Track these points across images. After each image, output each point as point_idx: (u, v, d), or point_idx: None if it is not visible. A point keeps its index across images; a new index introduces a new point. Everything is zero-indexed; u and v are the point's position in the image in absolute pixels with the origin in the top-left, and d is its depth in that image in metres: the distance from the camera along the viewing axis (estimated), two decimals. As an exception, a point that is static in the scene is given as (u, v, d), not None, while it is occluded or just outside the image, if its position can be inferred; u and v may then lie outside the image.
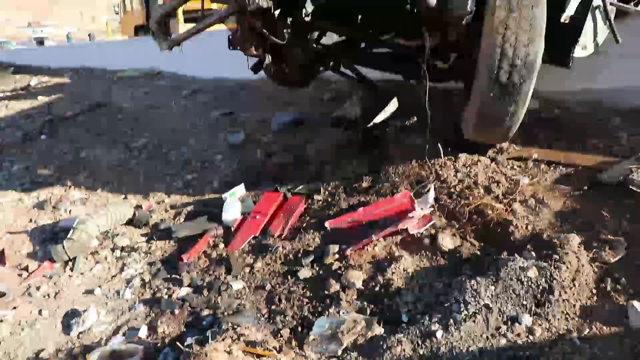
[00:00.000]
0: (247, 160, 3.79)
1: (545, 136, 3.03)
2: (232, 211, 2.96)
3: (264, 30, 2.48)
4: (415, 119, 3.31)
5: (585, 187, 2.45)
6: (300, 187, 3.06)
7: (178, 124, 5.13)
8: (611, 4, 2.86)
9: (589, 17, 2.67)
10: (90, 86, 9.03)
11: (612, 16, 2.86)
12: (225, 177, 3.66)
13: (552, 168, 2.67)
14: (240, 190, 3.21)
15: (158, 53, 3.09)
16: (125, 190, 3.92)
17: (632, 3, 3.14)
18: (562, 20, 2.60)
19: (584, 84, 3.41)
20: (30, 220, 3.71)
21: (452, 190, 2.55)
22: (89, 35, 20.85)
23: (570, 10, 2.63)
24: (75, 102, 7.58)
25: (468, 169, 2.68)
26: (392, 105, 3.15)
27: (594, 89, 3.42)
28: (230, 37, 3.02)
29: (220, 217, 2.99)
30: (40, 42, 26.95)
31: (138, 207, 3.51)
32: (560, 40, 2.56)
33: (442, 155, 2.75)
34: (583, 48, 2.85)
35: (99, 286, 2.74)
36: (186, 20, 12.15)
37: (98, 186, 4.10)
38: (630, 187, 2.31)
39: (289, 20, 2.44)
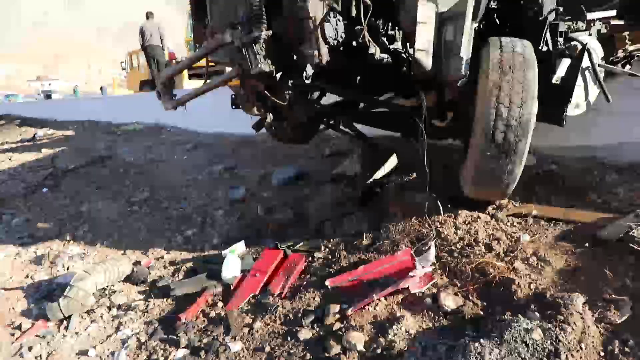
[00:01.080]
0: (248, 216, 3.79)
1: (544, 192, 3.06)
2: (231, 268, 2.93)
3: (266, 92, 2.57)
4: (414, 175, 3.35)
5: (586, 245, 2.45)
6: (301, 244, 3.05)
7: (180, 178, 5.18)
8: (600, 65, 2.99)
9: (580, 77, 2.78)
10: (94, 139, 9.18)
11: (601, 77, 2.98)
12: (225, 232, 3.66)
13: (552, 225, 2.68)
14: (240, 247, 3.19)
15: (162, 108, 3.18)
16: (124, 245, 3.90)
17: (619, 65, 3.28)
18: (553, 81, 2.71)
19: (578, 140, 3.49)
20: (27, 276, 3.66)
21: (453, 247, 2.54)
22: (101, 88, 21.53)
23: (561, 72, 2.74)
24: (79, 155, 7.68)
25: (468, 226, 2.68)
26: (392, 162, 3.20)
27: (588, 145, 3.50)
28: (233, 96, 3.12)
29: (219, 274, 2.95)
30: (48, 95, 27.74)
31: (137, 263, 3.48)
32: (553, 100, 2.64)
33: (441, 212, 2.76)
34: (576, 107, 2.95)
35: (94, 347, 2.66)
36: (190, 77, 12.57)
37: (97, 241, 4.09)
38: (631, 244, 2.30)
39: (290, 82, 2.53)
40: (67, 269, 3.65)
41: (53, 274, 3.63)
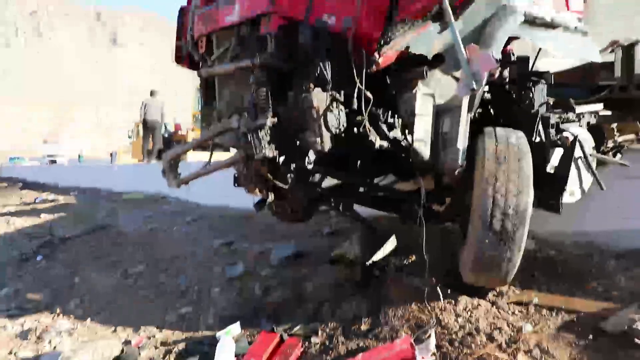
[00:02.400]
0: (245, 295, 3.73)
1: (544, 278, 3.04)
2: (225, 353, 2.83)
3: (269, 175, 2.65)
4: (413, 257, 3.35)
5: (590, 337, 2.39)
6: (298, 327, 2.97)
7: (178, 252, 5.14)
8: (591, 155, 3.10)
9: (573, 166, 2.87)
10: (94, 207, 9.21)
11: (594, 166, 3.08)
12: (221, 311, 3.57)
13: (554, 314, 2.63)
14: (235, 329, 3.11)
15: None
16: (116, 321, 3.79)
17: (610, 154, 3.40)
18: (547, 170, 2.80)
19: (576, 226, 3.53)
20: (10, 352, 3.54)
21: (454, 336, 2.48)
22: (111, 154, 22.04)
23: (555, 161, 2.84)
24: (78, 223, 7.68)
25: (469, 313, 2.64)
26: (391, 244, 3.21)
27: (585, 231, 3.53)
28: (236, 175, 3.20)
29: (213, 357, 2.85)
30: (53, 160, 28.30)
31: (127, 342, 3.36)
32: (549, 188, 2.72)
33: (441, 298, 2.73)
34: (571, 194, 3.02)
35: None
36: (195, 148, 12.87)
37: (88, 315, 3.99)
38: (636, 339, 2.25)
39: (293, 166, 2.61)
40: (54, 347, 3.52)
41: (39, 350, 3.51)
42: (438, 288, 2.74)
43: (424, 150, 2.44)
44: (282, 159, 2.52)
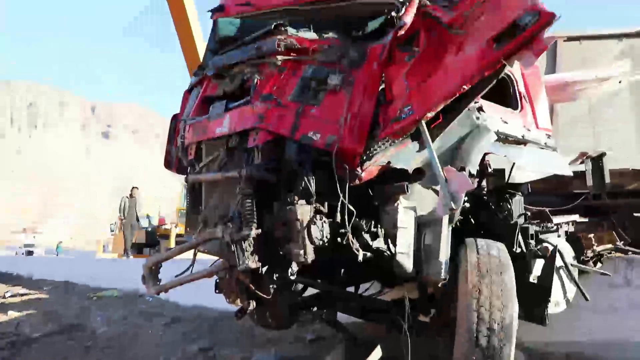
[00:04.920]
0: (220, 413, 3.45)
1: (537, 396, 2.91)
2: None
3: (251, 285, 2.60)
4: (400, 370, 3.19)
5: None
6: None
7: (152, 358, 4.83)
8: (572, 265, 3.13)
9: (555, 277, 2.89)
10: (67, 304, 8.77)
11: (575, 275, 3.10)
12: None
13: None
14: None
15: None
16: None
17: (590, 263, 3.45)
18: (530, 280, 2.81)
19: (565, 336, 3.46)
20: None
21: None
22: (103, 245, 21.45)
23: (536, 271, 2.87)
24: (47, 321, 7.24)
25: None
26: (376, 355, 3.08)
27: (575, 341, 3.46)
28: (217, 282, 3.13)
29: None
30: (30, 252, 27.54)
31: None
32: (533, 300, 2.71)
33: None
34: (556, 305, 3.01)
35: None
36: (178, 244, 12.73)
37: None
38: None
39: (275, 276, 2.58)
40: None
41: None
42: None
43: (407, 262, 2.45)
44: (265, 269, 2.49)
